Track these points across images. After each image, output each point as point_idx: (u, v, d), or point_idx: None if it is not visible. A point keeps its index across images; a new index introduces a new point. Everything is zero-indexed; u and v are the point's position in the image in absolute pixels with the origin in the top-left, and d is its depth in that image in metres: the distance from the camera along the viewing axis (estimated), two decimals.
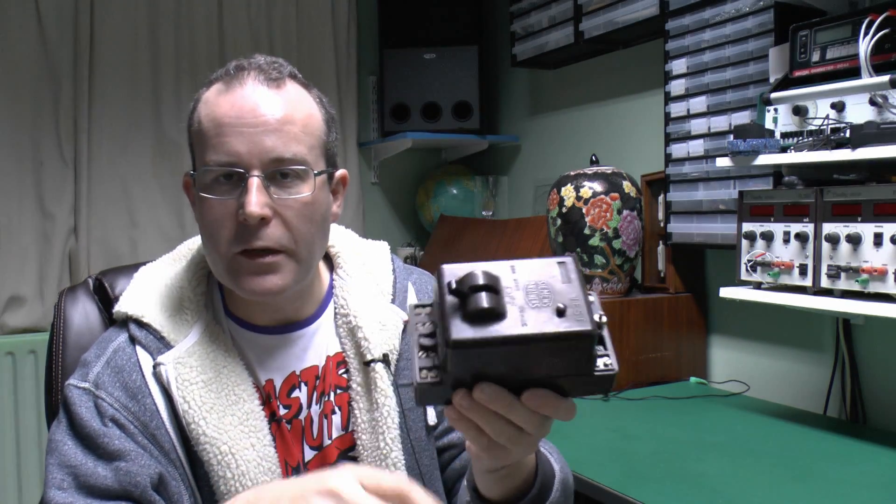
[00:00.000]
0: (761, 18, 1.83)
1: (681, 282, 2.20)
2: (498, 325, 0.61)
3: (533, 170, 2.99)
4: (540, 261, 0.66)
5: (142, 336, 0.96)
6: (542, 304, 0.63)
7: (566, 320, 0.62)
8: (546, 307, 0.63)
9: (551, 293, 0.64)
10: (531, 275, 0.65)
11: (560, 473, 0.91)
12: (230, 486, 0.91)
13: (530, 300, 0.63)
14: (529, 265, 0.66)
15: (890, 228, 1.39)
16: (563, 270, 0.66)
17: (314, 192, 0.93)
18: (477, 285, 0.62)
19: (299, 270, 0.95)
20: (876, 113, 1.44)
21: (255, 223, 0.90)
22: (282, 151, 0.91)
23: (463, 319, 0.62)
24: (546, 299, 0.63)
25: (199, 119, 0.94)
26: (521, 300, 0.63)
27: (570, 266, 0.66)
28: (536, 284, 0.64)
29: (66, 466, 0.88)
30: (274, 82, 0.93)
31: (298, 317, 1.02)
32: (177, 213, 2.85)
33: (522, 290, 0.64)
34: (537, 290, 0.64)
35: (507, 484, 0.83)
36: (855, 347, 1.85)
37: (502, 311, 0.62)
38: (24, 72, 2.62)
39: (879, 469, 1.49)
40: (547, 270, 0.66)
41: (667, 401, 1.98)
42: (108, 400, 0.92)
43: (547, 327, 0.62)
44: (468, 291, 0.62)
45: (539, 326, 0.62)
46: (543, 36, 2.59)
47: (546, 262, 0.66)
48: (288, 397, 1.00)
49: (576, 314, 0.63)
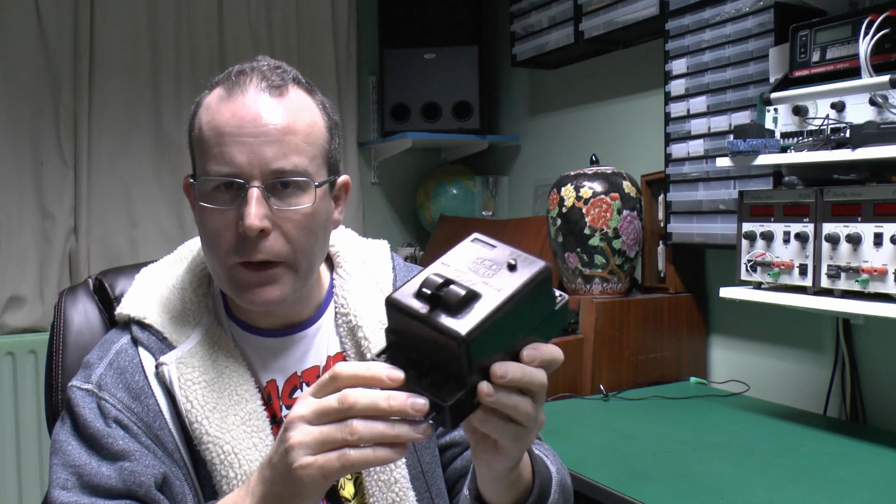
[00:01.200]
0: (761, 18, 1.83)
1: (681, 282, 2.20)
2: (481, 302, 0.64)
3: (533, 170, 2.99)
4: (458, 247, 0.70)
5: (144, 337, 0.97)
6: (492, 271, 0.67)
7: (523, 268, 0.67)
8: (498, 270, 0.67)
9: (491, 261, 0.68)
10: (464, 259, 0.69)
11: (557, 475, 0.91)
12: (233, 486, 0.91)
13: (482, 274, 0.67)
14: (455, 254, 0.69)
15: (890, 228, 1.39)
16: (482, 244, 0.70)
17: (315, 203, 0.92)
18: (439, 283, 0.65)
19: (298, 281, 0.94)
20: (876, 113, 1.44)
21: (255, 235, 0.89)
22: (282, 163, 0.90)
23: (450, 315, 0.63)
24: (492, 266, 0.67)
25: (200, 126, 0.93)
26: (476, 277, 0.66)
27: (484, 237, 0.71)
28: (474, 262, 0.68)
29: (70, 466, 0.89)
30: (276, 89, 0.92)
31: (299, 318, 1.02)
32: (177, 213, 2.85)
33: (469, 272, 0.67)
34: (479, 265, 0.68)
35: (514, 490, 0.82)
36: (855, 347, 1.85)
37: (476, 291, 0.65)
38: (24, 72, 2.62)
39: (879, 469, 1.49)
40: (471, 250, 0.70)
41: (667, 401, 1.98)
42: (111, 401, 0.92)
43: (517, 280, 0.66)
44: (436, 292, 0.64)
45: (511, 284, 0.65)
46: (543, 36, 2.59)
47: (465, 245, 0.70)
48: (290, 398, 1.00)
49: (525, 261, 0.67)
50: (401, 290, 0.67)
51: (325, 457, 0.66)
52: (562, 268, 2.22)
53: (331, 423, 0.67)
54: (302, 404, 0.69)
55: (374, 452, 0.66)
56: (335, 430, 0.66)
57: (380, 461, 0.67)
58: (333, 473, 0.67)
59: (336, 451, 0.66)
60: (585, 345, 2.08)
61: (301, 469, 0.67)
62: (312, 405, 0.68)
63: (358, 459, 0.66)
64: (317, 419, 0.67)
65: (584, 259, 2.15)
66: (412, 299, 0.65)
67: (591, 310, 2.08)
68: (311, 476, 0.67)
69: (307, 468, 0.67)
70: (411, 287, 0.66)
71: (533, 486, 0.85)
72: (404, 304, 0.65)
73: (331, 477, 0.68)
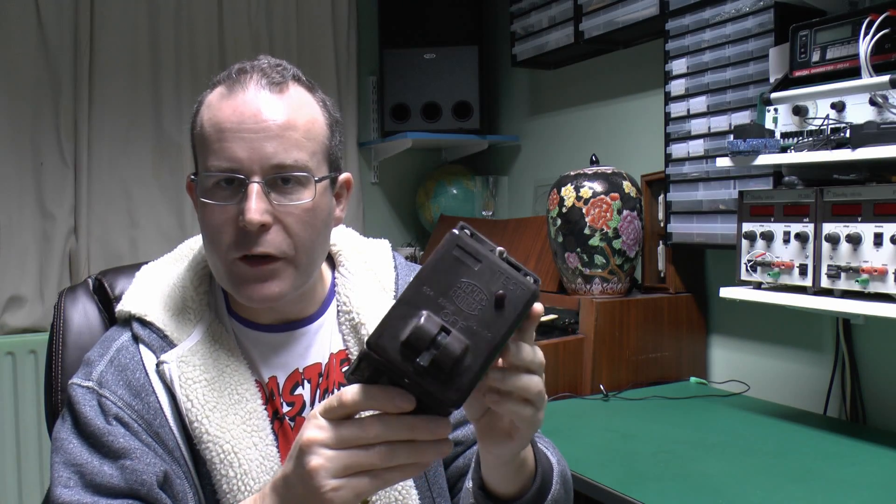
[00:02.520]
0: (761, 18, 1.83)
1: (681, 282, 2.20)
2: (471, 355, 0.62)
3: (533, 170, 2.99)
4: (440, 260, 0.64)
5: (145, 335, 0.97)
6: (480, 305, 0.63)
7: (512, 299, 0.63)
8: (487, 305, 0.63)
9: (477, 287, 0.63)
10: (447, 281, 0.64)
11: (558, 466, 0.92)
12: (232, 485, 0.92)
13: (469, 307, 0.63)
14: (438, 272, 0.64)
15: (890, 228, 1.39)
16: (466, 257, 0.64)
17: (315, 198, 0.93)
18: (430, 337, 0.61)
19: (299, 276, 0.95)
20: (876, 113, 1.44)
21: (255, 230, 0.90)
22: (283, 157, 0.90)
23: (440, 380, 0.62)
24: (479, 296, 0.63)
25: (202, 123, 0.94)
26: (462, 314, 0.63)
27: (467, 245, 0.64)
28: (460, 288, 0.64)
29: (71, 465, 0.89)
30: (276, 86, 0.93)
31: (301, 315, 1.02)
32: (177, 213, 2.85)
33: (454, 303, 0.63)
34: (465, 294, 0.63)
35: (520, 476, 0.83)
36: (855, 347, 1.85)
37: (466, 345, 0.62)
38: (24, 72, 2.62)
39: (879, 469, 1.49)
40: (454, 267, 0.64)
41: (667, 401, 1.98)
42: (111, 398, 0.92)
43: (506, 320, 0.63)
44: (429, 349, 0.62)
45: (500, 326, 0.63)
46: (543, 36, 2.59)
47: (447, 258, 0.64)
48: (291, 395, 1.00)
49: (514, 288, 0.63)
50: (385, 334, 0.63)
51: (358, 480, 0.67)
52: (562, 268, 2.22)
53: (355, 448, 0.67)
54: (315, 427, 0.68)
55: (403, 472, 0.68)
56: (363, 457, 0.67)
57: (409, 477, 0.70)
58: (367, 493, 0.69)
59: (367, 474, 0.67)
60: (585, 345, 2.08)
61: (333, 492, 0.67)
62: (332, 431, 0.68)
63: (391, 479, 0.68)
64: (339, 445, 0.67)
65: (584, 259, 2.15)
66: (398, 352, 0.62)
67: (591, 310, 2.08)
68: (343, 498, 0.68)
69: (339, 490, 0.67)
70: (395, 329, 0.63)
71: (536, 474, 0.85)
72: (390, 358, 0.63)
73: (363, 496, 0.69)
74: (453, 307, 0.63)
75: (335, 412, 0.68)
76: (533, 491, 0.85)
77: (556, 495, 0.88)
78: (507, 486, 0.84)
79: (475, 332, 0.63)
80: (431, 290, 0.64)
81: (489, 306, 0.63)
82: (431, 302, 0.63)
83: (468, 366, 0.62)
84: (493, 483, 0.84)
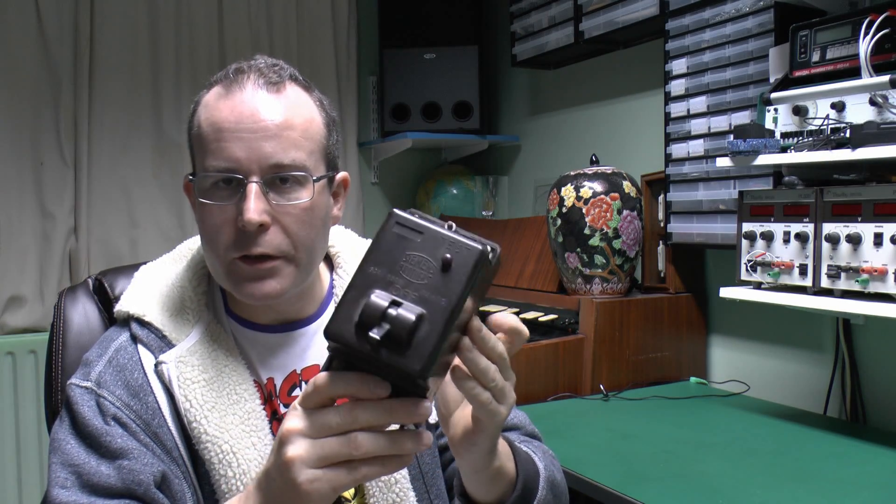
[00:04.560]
0: (761, 18, 1.83)
1: (681, 282, 2.20)
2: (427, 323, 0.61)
3: (533, 170, 2.99)
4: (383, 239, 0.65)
5: (143, 335, 0.97)
6: (429, 273, 0.63)
7: (459, 264, 0.63)
8: (435, 271, 0.63)
9: (423, 257, 0.63)
10: (392, 256, 0.64)
11: (545, 472, 0.91)
12: (231, 485, 0.92)
13: (417, 277, 0.63)
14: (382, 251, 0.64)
15: (890, 228, 1.39)
16: (408, 231, 0.65)
17: (313, 197, 0.93)
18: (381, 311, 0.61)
19: (298, 275, 0.94)
20: (876, 113, 1.44)
21: (254, 229, 0.90)
22: (281, 157, 0.90)
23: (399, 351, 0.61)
24: (425, 266, 0.63)
25: (199, 123, 0.94)
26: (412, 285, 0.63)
27: (407, 220, 0.65)
28: (405, 261, 0.64)
29: (68, 465, 0.88)
30: (274, 86, 0.93)
31: (300, 316, 1.02)
32: (177, 213, 2.85)
33: (403, 276, 0.63)
34: (412, 265, 0.63)
35: (497, 484, 0.83)
36: (855, 347, 1.85)
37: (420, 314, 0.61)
38: (24, 72, 2.62)
39: (879, 469, 1.49)
40: (397, 242, 0.64)
41: (667, 401, 1.98)
42: (110, 399, 0.92)
43: (457, 282, 0.62)
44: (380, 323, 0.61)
45: (453, 289, 0.62)
46: (543, 36, 2.59)
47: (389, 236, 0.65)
48: (289, 396, 1.00)
49: (459, 252, 0.63)
50: (340, 318, 0.63)
51: (334, 472, 0.66)
52: (562, 268, 2.22)
53: (332, 437, 0.66)
54: (295, 417, 0.67)
55: (383, 466, 0.66)
56: (339, 446, 0.65)
57: (388, 472, 0.67)
58: (343, 487, 0.67)
59: (344, 466, 0.66)
60: (585, 345, 2.08)
61: (308, 483, 0.66)
62: (308, 418, 0.67)
63: (369, 473, 0.66)
64: (316, 433, 0.66)
65: (584, 259, 2.15)
66: (353, 333, 0.62)
67: (591, 310, 2.08)
68: (319, 490, 0.66)
69: (315, 482, 0.66)
70: (349, 312, 0.62)
71: (517, 480, 0.85)
72: (347, 340, 0.62)
73: (340, 489, 0.67)
74: (402, 281, 0.63)
75: (310, 399, 0.67)
76: (514, 498, 0.85)
77: (542, 501, 0.88)
78: (485, 493, 0.83)
79: (427, 299, 0.62)
80: (378, 269, 0.64)
81: (437, 273, 0.63)
82: (380, 280, 0.63)
83: (426, 333, 0.61)
84: (473, 490, 0.84)
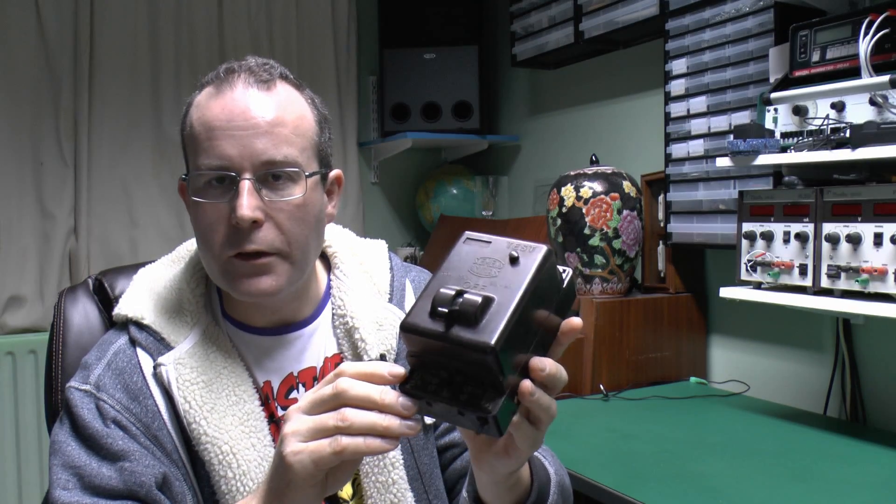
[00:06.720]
0: (761, 18, 1.83)
1: (681, 282, 2.20)
2: (496, 305, 0.63)
3: (533, 170, 2.99)
4: (454, 251, 0.69)
5: (142, 338, 0.97)
6: (496, 268, 0.66)
7: (525, 259, 0.66)
8: (502, 267, 0.66)
9: (491, 258, 0.67)
10: (464, 262, 0.68)
11: (556, 476, 0.91)
12: (231, 486, 0.92)
13: (487, 274, 0.66)
14: (454, 259, 0.68)
15: (890, 228, 1.39)
16: (476, 242, 0.69)
17: (306, 193, 0.93)
18: (451, 296, 0.64)
19: (293, 272, 0.94)
20: (876, 113, 1.44)
21: (248, 226, 0.90)
22: (273, 154, 0.90)
23: (471, 328, 0.62)
24: (494, 264, 0.67)
25: (191, 123, 0.94)
26: (482, 279, 0.66)
27: (476, 235, 0.70)
28: (475, 263, 0.67)
29: (70, 467, 0.88)
30: (264, 84, 0.93)
31: (296, 318, 1.02)
32: (177, 213, 2.85)
33: (473, 275, 0.66)
34: (480, 265, 0.67)
35: (514, 492, 0.83)
36: (855, 347, 1.85)
37: (489, 296, 0.64)
38: (24, 72, 2.62)
39: (879, 469, 1.49)
40: (468, 251, 0.68)
41: (667, 401, 1.98)
42: (109, 402, 0.92)
43: (524, 273, 0.65)
44: (451, 306, 0.63)
45: (519, 278, 0.65)
46: (543, 36, 2.59)
47: (460, 248, 0.69)
48: (286, 398, 1.00)
49: (525, 250, 0.67)
50: (413, 313, 0.65)
51: (317, 443, 0.68)
52: None
53: (324, 412, 0.69)
54: (302, 397, 0.71)
55: (364, 441, 0.67)
56: (327, 417, 0.68)
57: (371, 451, 0.68)
58: (325, 460, 0.68)
59: (328, 438, 0.68)
60: (585, 345, 2.08)
61: (292, 455, 0.69)
62: (309, 396, 0.70)
63: (349, 444, 0.67)
64: (311, 409, 0.70)
65: (584, 259, 2.15)
66: (428, 320, 0.64)
67: (591, 310, 2.08)
68: (301, 462, 0.68)
69: (298, 454, 0.68)
70: (423, 307, 0.65)
71: (532, 487, 0.85)
72: (421, 328, 0.64)
73: (322, 464, 0.68)
74: (473, 278, 0.66)
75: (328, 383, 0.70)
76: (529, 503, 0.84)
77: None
78: (500, 500, 0.83)
79: (497, 286, 0.65)
80: (450, 273, 0.67)
81: (505, 267, 0.66)
82: (452, 280, 0.67)
83: (496, 312, 0.63)
84: (487, 497, 0.83)
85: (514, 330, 0.63)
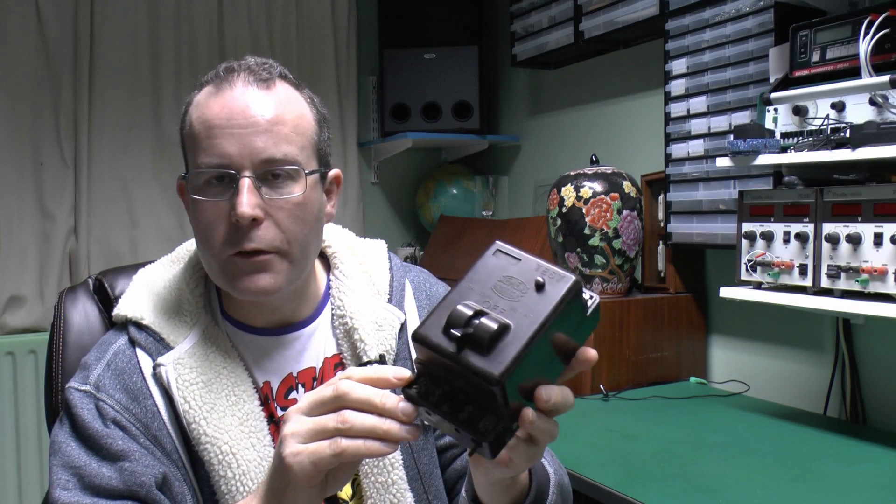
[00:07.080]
0: (761, 18, 1.83)
1: (681, 282, 2.20)
2: (512, 334, 0.62)
3: (533, 170, 2.99)
4: (482, 262, 0.67)
5: (141, 338, 0.97)
6: (520, 292, 0.64)
7: (552, 287, 0.64)
8: (526, 291, 0.64)
9: (517, 279, 0.65)
10: (489, 277, 0.66)
11: (555, 476, 0.91)
12: (231, 486, 0.92)
13: (509, 296, 0.64)
14: (479, 272, 0.66)
15: (890, 228, 1.39)
16: (506, 257, 0.67)
17: (305, 191, 0.93)
18: (468, 317, 0.62)
19: (293, 270, 0.94)
20: (876, 113, 1.44)
21: (247, 224, 0.90)
22: (272, 152, 0.91)
23: (482, 355, 0.61)
24: (519, 286, 0.64)
25: (191, 122, 0.94)
26: (503, 301, 0.64)
27: (507, 248, 0.67)
28: (500, 281, 0.65)
29: (70, 467, 0.89)
30: (264, 83, 0.93)
31: (295, 318, 1.02)
32: (177, 213, 2.85)
33: (496, 294, 0.64)
34: (505, 284, 0.65)
35: (511, 493, 0.83)
36: (855, 347, 1.85)
37: (506, 323, 0.62)
38: (24, 72, 2.62)
39: (879, 469, 1.49)
40: (495, 265, 0.66)
41: (667, 401, 1.98)
42: (109, 402, 0.92)
43: (547, 304, 0.63)
44: (464, 328, 0.62)
45: (541, 308, 0.63)
46: (543, 36, 2.59)
47: (488, 259, 0.67)
48: (285, 399, 1.00)
49: (553, 277, 0.64)
50: (427, 324, 0.64)
51: (316, 445, 0.68)
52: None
53: (325, 414, 0.69)
54: (302, 398, 0.71)
55: (364, 444, 0.67)
56: (327, 419, 0.68)
57: (370, 454, 0.68)
58: (324, 462, 0.68)
59: (327, 440, 0.68)
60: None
61: (292, 456, 0.69)
62: (309, 397, 0.70)
63: (349, 446, 0.67)
64: (311, 410, 0.70)
65: (584, 259, 2.15)
66: (441, 336, 0.63)
67: None
68: (300, 463, 0.68)
69: (297, 455, 0.69)
70: (438, 319, 0.64)
71: (530, 487, 0.85)
72: (433, 342, 0.63)
73: (321, 465, 0.68)
74: (495, 298, 0.64)
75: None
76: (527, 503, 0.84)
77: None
78: (498, 501, 0.83)
79: (516, 313, 0.63)
80: (473, 286, 0.66)
81: (530, 293, 0.64)
82: (473, 294, 0.65)
83: (510, 342, 0.61)
84: (485, 498, 0.84)
85: (525, 362, 0.62)
